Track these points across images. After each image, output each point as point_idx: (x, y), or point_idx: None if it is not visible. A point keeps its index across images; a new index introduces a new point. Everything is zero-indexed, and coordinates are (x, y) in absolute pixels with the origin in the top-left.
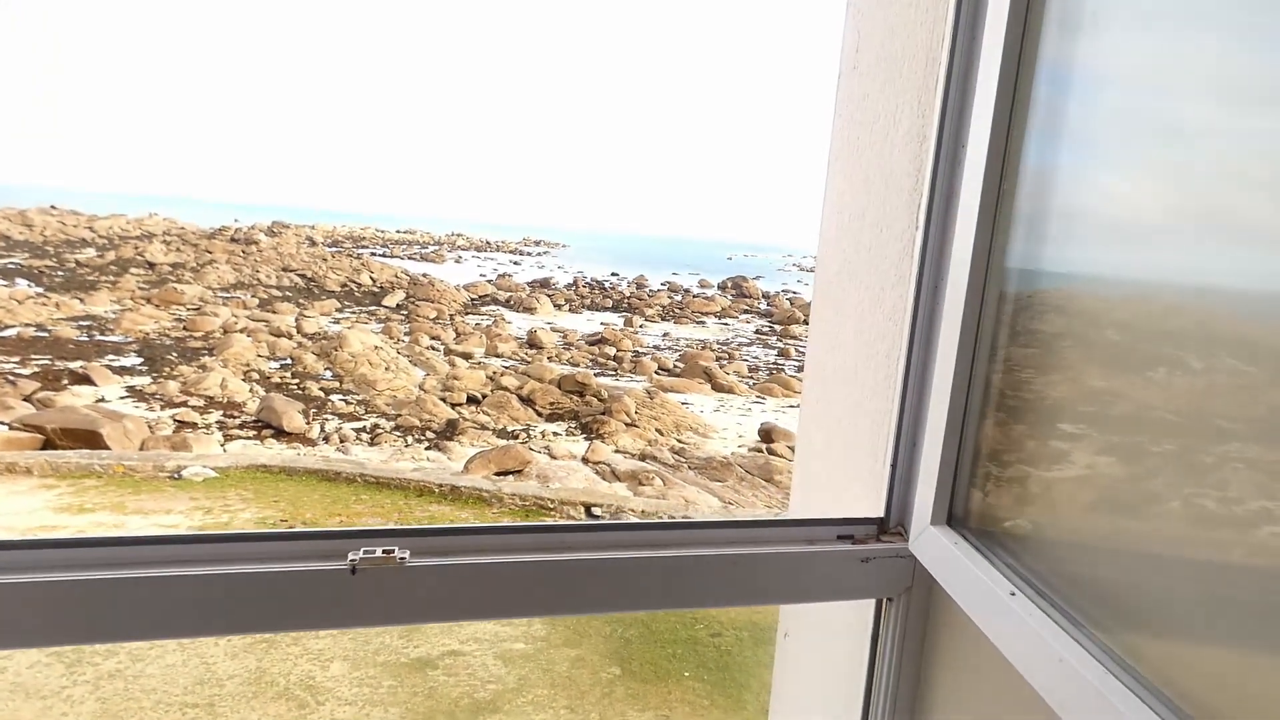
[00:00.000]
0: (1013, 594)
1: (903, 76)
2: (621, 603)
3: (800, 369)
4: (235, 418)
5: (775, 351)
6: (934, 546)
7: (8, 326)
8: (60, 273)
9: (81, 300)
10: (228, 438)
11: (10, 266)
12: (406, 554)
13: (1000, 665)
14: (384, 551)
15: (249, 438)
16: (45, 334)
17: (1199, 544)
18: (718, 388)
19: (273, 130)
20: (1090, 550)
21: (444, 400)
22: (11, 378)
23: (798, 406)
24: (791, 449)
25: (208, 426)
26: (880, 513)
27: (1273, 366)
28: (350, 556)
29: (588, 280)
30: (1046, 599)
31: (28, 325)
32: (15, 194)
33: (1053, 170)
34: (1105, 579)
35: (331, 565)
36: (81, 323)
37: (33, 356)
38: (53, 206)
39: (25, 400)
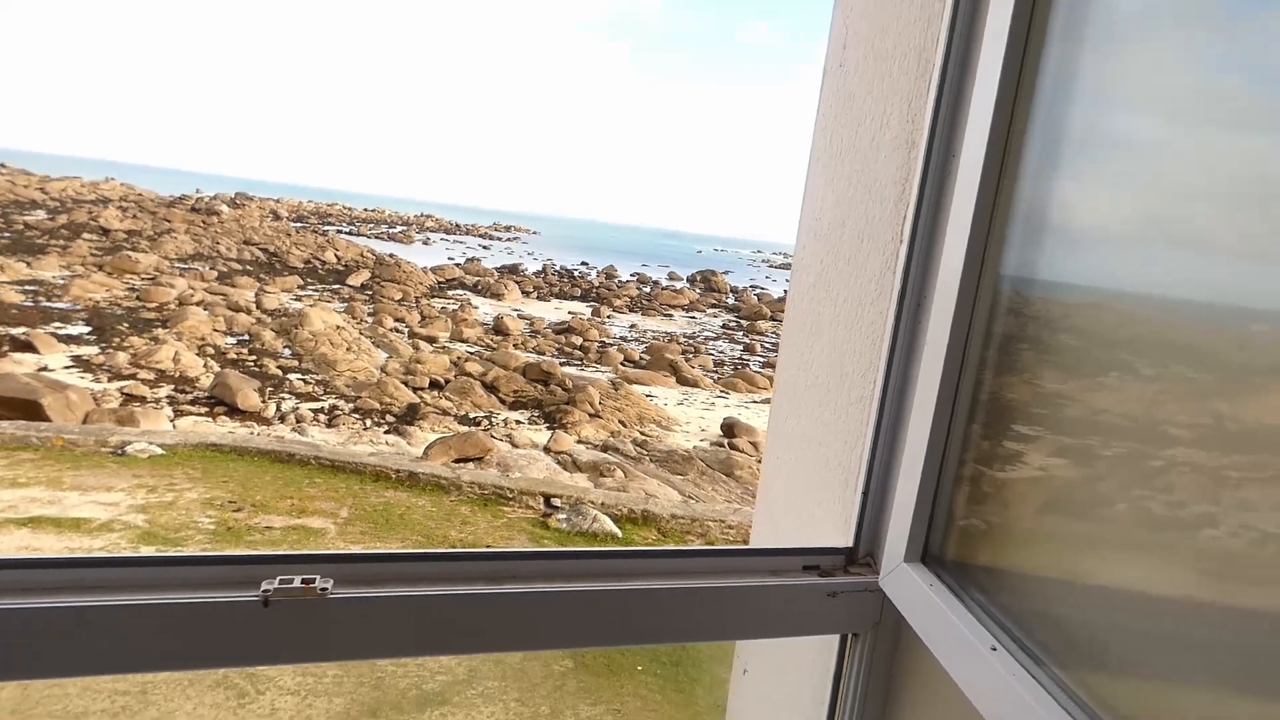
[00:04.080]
0: (994, 648)
1: (892, 77)
2: (571, 639)
3: (766, 365)
4: (187, 393)
5: (741, 347)
6: (906, 585)
7: None
8: (6, 234)
9: (28, 264)
10: (178, 413)
11: None
12: (329, 584)
13: (972, 717)
14: (303, 581)
15: (201, 414)
16: None
17: (1190, 585)
18: (683, 381)
19: (241, 101)
20: (1079, 597)
21: (406, 384)
22: None
23: (761, 402)
24: (754, 444)
25: (157, 401)
26: (849, 542)
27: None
28: (264, 586)
29: (557, 268)
30: (1031, 655)
31: None
32: None
33: (1050, 183)
34: (1091, 628)
35: (241, 596)
36: (28, 287)
37: None
38: (2, 165)
39: None
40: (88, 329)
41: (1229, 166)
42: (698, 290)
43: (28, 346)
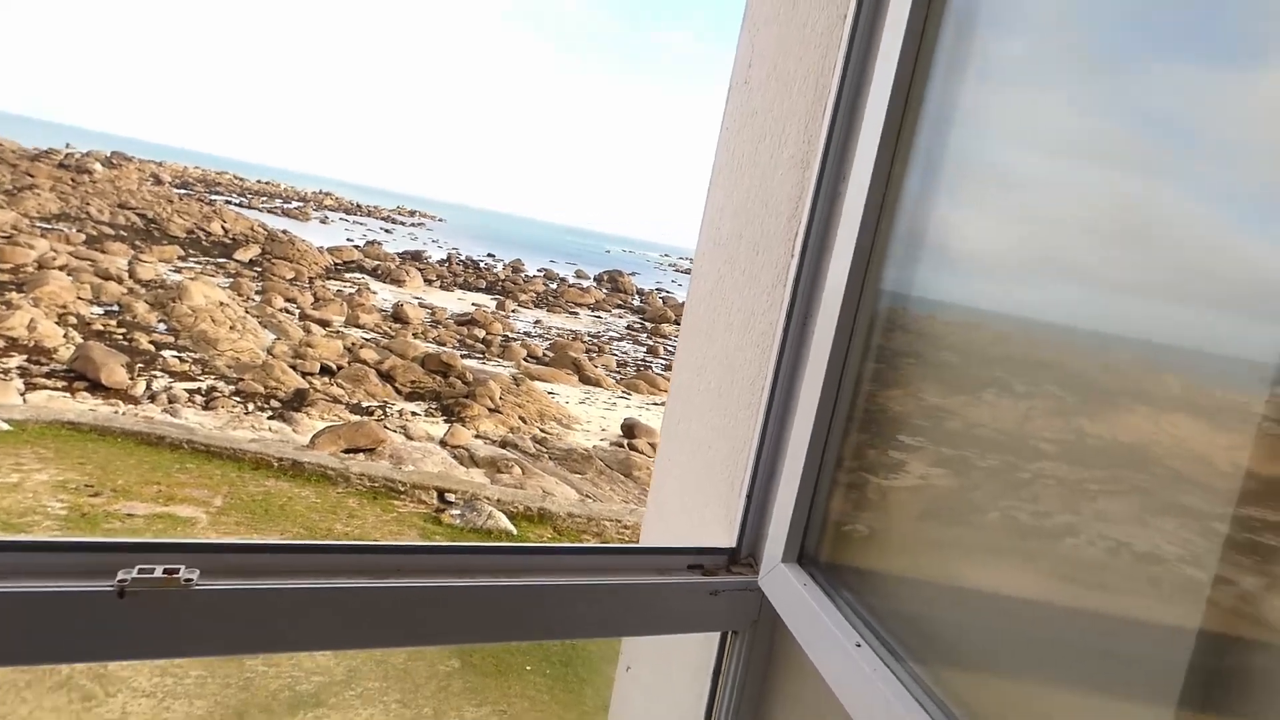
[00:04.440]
0: (858, 645)
1: (791, 98)
2: (457, 635)
3: (668, 368)
4: (42, 364)
5: (644, 349)
6: (783, 585)
7: None
8: None
9: None
10: (30, 386)
11: None
12: (195, 574)
13: (839, 713)
14: (165, 571)
15: (57, 389)
16: None
17: (1049, 590)
18: (585, 380)
19: (125, 51)
20: (941, 598)
21: (294, 368)
22: None
23: (662, 404)
24: (653, 446)
25: (5, 372)
26: (732, 543)
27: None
28: (120, 575)
29: (462, 258)
30: (892, 652)
31: None
32: None
33: (932, 207)
34: (951, 628)
35: (93, 586)
36: None
37: None
38: None
39: None
40: None
41: (1099, 202)
42: (604, 290)
43: None
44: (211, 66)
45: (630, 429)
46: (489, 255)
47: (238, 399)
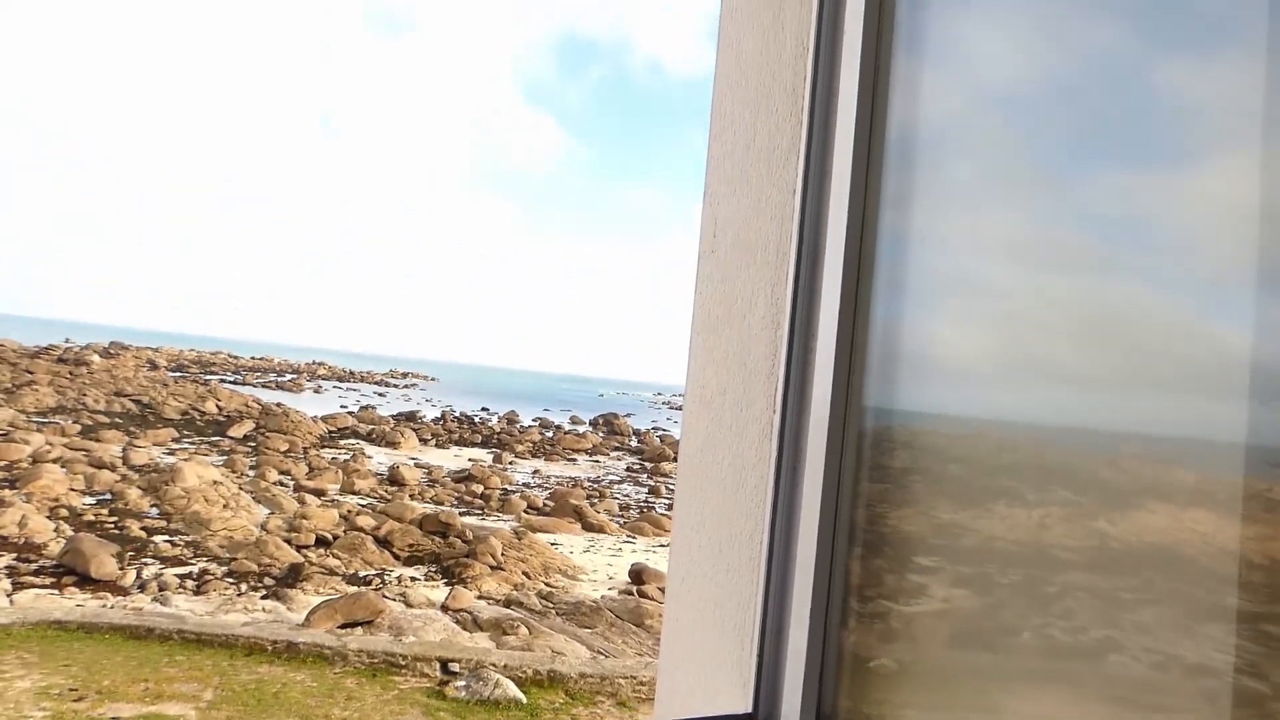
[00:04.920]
0: None
1: (757, 264)
2: None
3: (670, 507)
4: (31, 562)
5: (646, 489)
6: None
7: None
8: None
9: None
10: (18, 586)
11: None
12: None
13: None
14: None
15: (45, 586)
16: None
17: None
18: (588, 527)
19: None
20: None
21: (289, 542)
22: None
23: (669, 546)
24: (662, 590)
25: None
26: (748, 707)
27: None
28: None
29: (456, 414)
30: None
31: None
32: None
33: (899, 342)
34: None
35: None
36: None
37: None
38: None
39: None
40: None
41: (1062, 302)
42: (600, 433)
43: None
44: (202, 253)
45: (638, 575)
46: (483, 409)
47: (230, 580)
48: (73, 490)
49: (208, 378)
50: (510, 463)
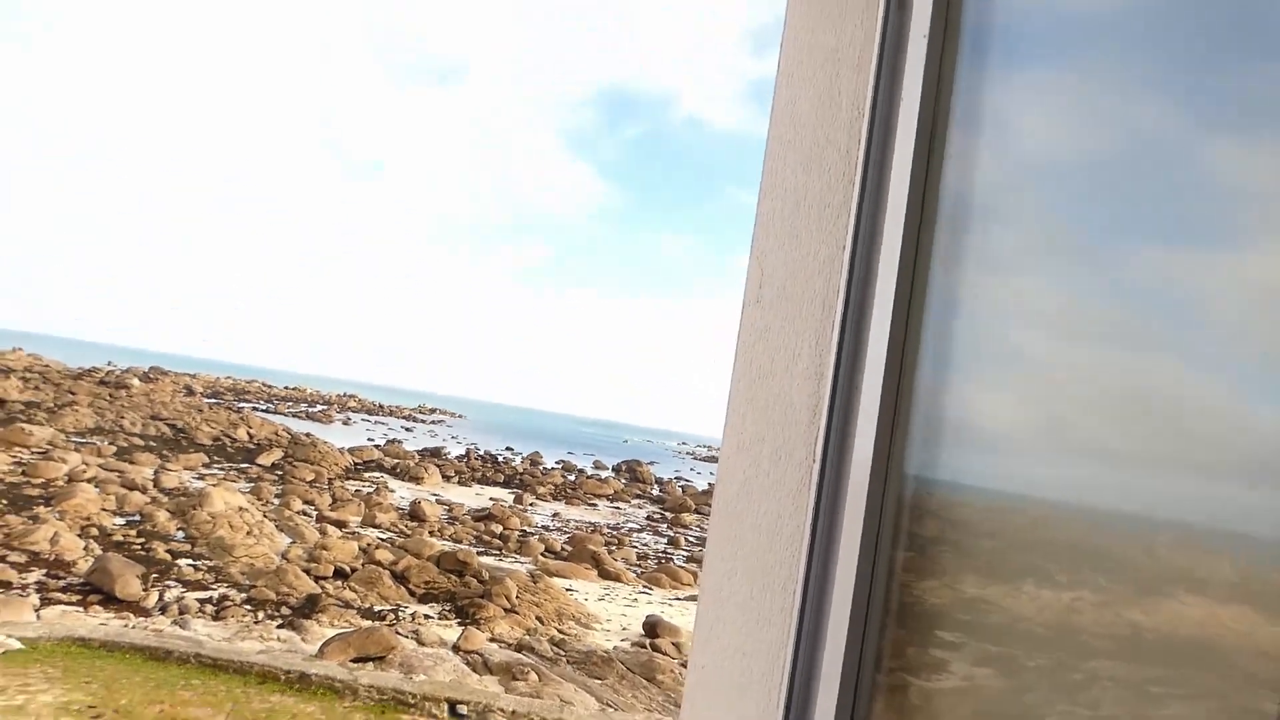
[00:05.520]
0: None
1: (801, 317)
2: None
3: (690, 560)
4: (60, 579)
5: (665, 540)
6: None
7: None
8: None
9: None
10: (46, 602)
11: None
12: None
13: None
14: None
15: (72, 603)
16: None
17: None
18: (605, 574)
19: (165, 273)
20: None
21: (308, 572)
22: None
23: (686, 599)
24: (677, 645)
25: (24, 588)
26: None
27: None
28: None
29: (481, 453)
30: None
31: None
32: None
33: (944, 402)
34: None
35: None
36: None
37: None
38: None
39: None
40: None
41: (1103, 378)
42: (623, 480)
43: None
44: (241, 283)
45: (653, 628)
46: (507, 449)
47: (249, 607)
48: (104, 510)
49: (241, 405)
50: (531, 504)
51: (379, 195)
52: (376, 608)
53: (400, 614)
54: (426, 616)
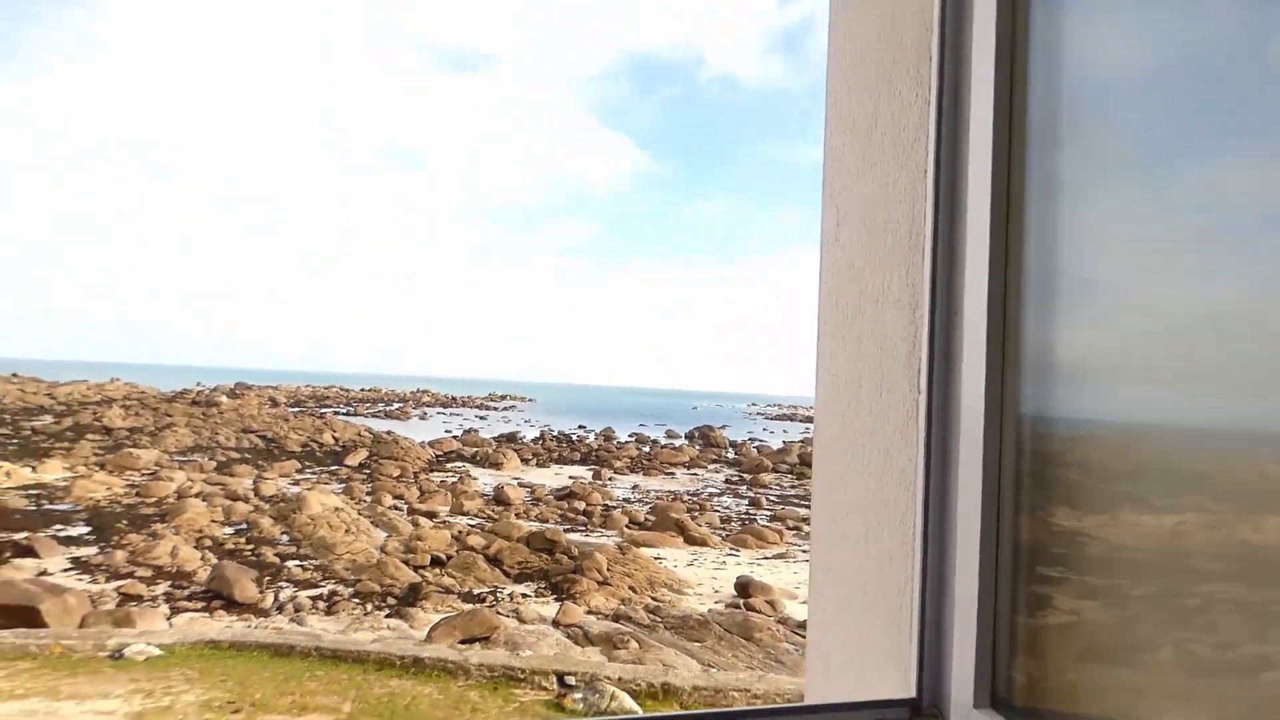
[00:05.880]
0: None
1: (887, 248)
2: None
3: (774, 519)
4: (184, 588)
5: (746, 501)
6: None
7: None
8: (14, 441)
9: (33, 468)
10: (175, 610)
11: None
12: None
13: None
14: None
15: (197, 610)
16: None
17: None
18: (690, 540)
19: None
20: None
21: (406, 563)
22: None
23: (774, 558)
24: (770, 604)
25: (154, 599)
26: (911, 693)
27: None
28: None
29: (555, 434)
30: None
31: None
32: None
33: (1053, 326)
34: None
35: None
36: (30, 492)
37: None
38: (14, 375)
39: None
40: (87, 529)
41: (1220, 298)
42: (697, 447)
43: (29, 551)
44: (311, 295)
45: (744, 588)
46: (580, 427)
47: (357, 600)
48: (214, 521)
49: (323, 411)
50: (610, 479)
51: (424, 189)
52: (475, 591)
53: (498, 595)
54: (524, 595)
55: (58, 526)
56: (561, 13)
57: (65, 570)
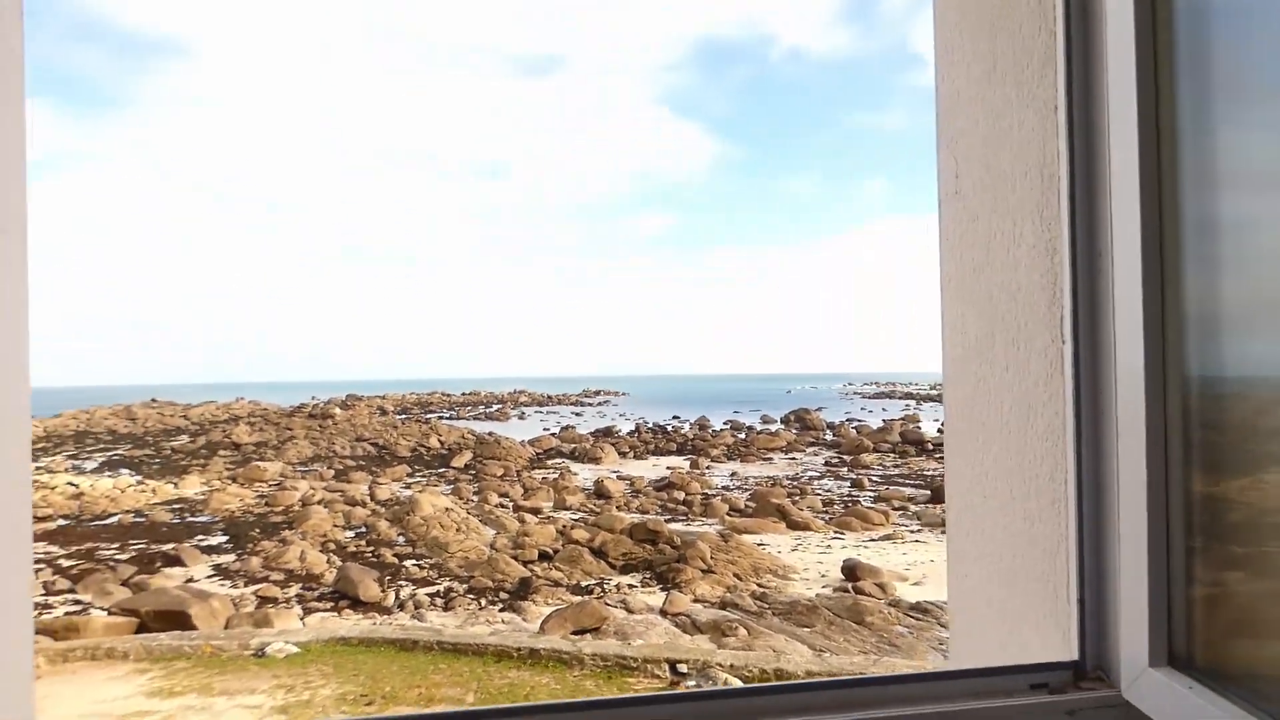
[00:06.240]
0: None
1: (1017, 193)
2: None
3: (878, 499)
4: (314, 589)
5: (848, 483)
6: (1161, 695)
7: (111, 514)
8: (157, 460)
9: (175, 485)
10: (307, 610)
11: (115, 458)
12: None
13: None
14: None
15: (327, 610)
16: (142, 519)
17: None
18: (793, 525)
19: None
20: None
21: (515, 558)
22: (112, 564)
23: (881, 539)
24: (880, 586)
25: (288, 601)
26: (1073, 655)
27: None
28: None
29: (650, 426)
30: None
31: (128, 512)
32: (123, 393)
33: (1217, 271)
34: None
35: None
36: (174, 506)
37: (131, 541)
38: (153, 400)
39: (123, 585)
40: (225, 538)
41: None
42: (793, 430)
43: (176, 560)
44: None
45: (852, 571)
46: (674, 418)
47: (471, 595)
48: (335, 526)
49: (428, 416)
50: (707, 467)
51: (504, 195)
52: (583, 583)
53: (605, 586)
54: (630, 586)
55: (199, 536)
56: (624, 7)
57: (208, 577)
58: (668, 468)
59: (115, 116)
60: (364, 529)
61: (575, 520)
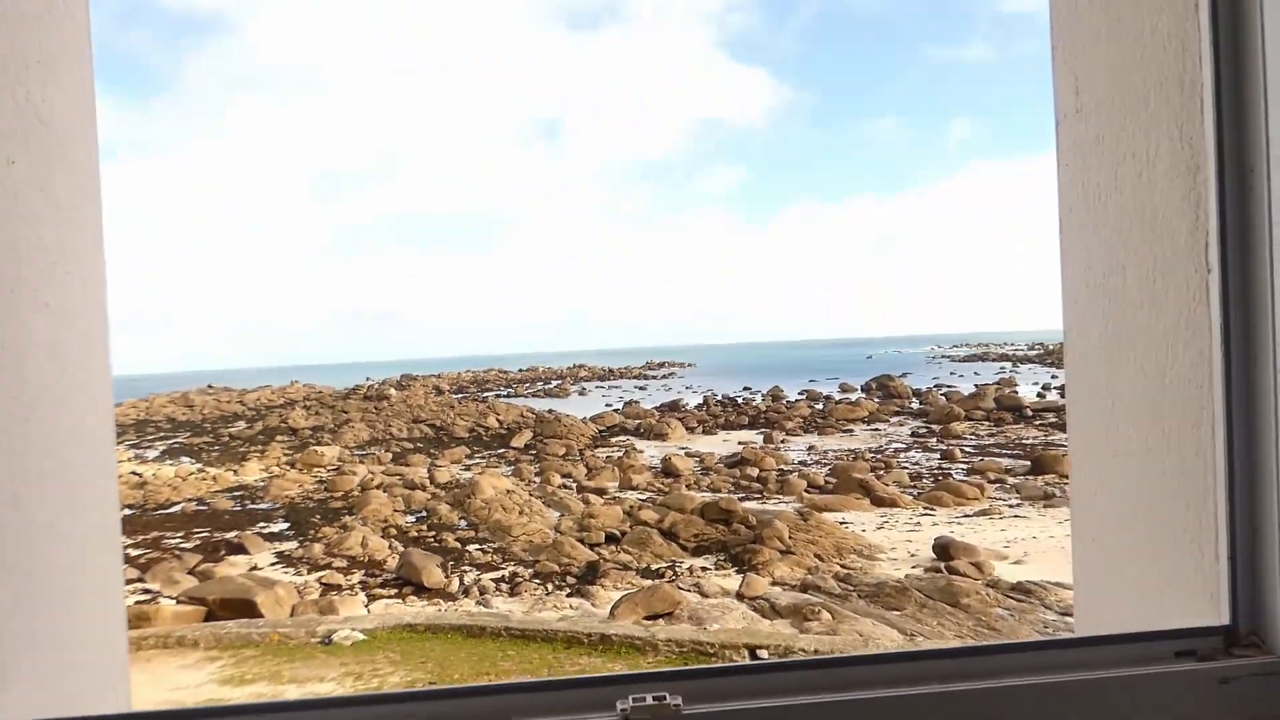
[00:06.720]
0: None
1: (1151, 107)
2: None
3: (972, 471)
4: (376, 576)
5: (938, 455)
6: None
7: (174, 503)
8: (216, 447)
9: (235, 472)
10: (371, 597)
11: (176, 446)
12: (680, 700)
13: None
14: (654, 698)
15: (391, 596)
16: (204, 507)
17: None
18: (878, 502)
19: (393, 288)
20: None
21: (582, 541)
22: (177, 552)
23: (976, 515)
24: (977, 565)
25: (351, 587)
26: (1223, 619)
27: None
28: (619, 705)
29: (719, 398)
30: None
31: (190, 500)
32: (179, 380)
33: None
34: None
35: (600, 716)
36: (235, 493)
37: (194, 530)
38: (209, 386)
39: (189, 573)
40: (286, 525)
41: None
42: (876, 399)
43: (240, 548)
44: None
45: (945, 549)
46: (745, 389)
47: (537, 580)
48: (396, 511)
49: (485, 395)
50: (782, 441)
51: (560, 156)
52: (653, 566)
53: (677, 569)
54: (703, 568)
55: (261, 524)
56: None
57: (272, 564)
58: (739, 443)
59: (171, 99)
60: (424, 513)
61: (643, 500)
